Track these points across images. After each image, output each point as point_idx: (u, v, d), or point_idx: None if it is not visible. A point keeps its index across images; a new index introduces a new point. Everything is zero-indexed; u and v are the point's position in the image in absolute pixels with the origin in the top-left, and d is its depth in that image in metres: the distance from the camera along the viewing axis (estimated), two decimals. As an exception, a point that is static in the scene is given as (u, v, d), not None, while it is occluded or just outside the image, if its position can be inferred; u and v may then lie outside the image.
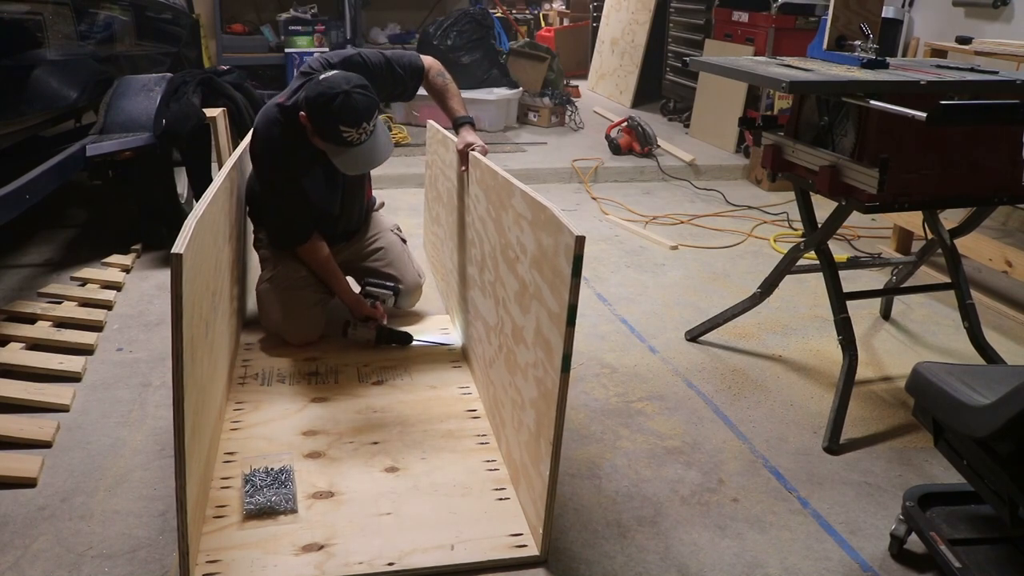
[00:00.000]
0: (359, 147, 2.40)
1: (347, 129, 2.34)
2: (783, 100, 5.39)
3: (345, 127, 2.34)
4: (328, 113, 2.33)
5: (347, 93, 2.33)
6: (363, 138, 2.38)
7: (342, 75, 2.40)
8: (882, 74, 2.43)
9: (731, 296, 3.39)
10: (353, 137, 2.36)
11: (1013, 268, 3.31)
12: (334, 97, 2.32)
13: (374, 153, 2.45)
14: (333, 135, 2.37)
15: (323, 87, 2.35)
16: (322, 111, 2.34)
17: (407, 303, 3.05)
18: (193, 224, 1.72)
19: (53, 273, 3.45)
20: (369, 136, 2.40)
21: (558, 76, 6.91)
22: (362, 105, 2.34)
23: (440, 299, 3.34)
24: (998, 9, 4.59)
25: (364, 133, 2.37)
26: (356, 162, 2.46)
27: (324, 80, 2.38)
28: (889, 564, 1.95)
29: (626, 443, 2.41)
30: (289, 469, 2.11)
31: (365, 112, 2.35)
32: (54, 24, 3.16)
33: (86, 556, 1.87)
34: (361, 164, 2.48)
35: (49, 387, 2.52)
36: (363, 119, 2.34)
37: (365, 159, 2.46)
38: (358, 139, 2.37)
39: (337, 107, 2.32)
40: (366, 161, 2.47)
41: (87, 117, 4.14)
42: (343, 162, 2.45)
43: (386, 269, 2.98)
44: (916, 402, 1.83)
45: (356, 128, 2.35)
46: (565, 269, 1.70)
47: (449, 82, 2.78)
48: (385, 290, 2.91)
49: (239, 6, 7.08)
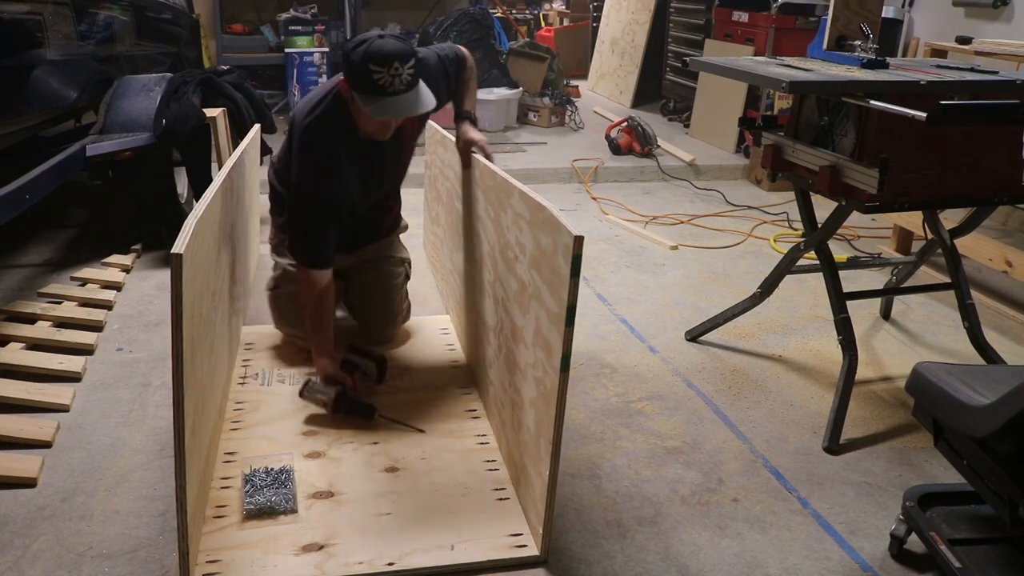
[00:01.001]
0: (394, 96, 2.28)
1: (378, 69, 2.24)
2: (783, 100, 5.39)
3: (376, 67, 2.24)
4: (358, 56, 2.27)
5: (378, 36, 2.32)
6: (396, 83, 2.26)
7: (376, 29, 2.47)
8: (882, 74, 2.43)
9: (731, 296, 3.39)
10: (385, 79, 2.25)
11: (1013, 268, 3.31)
12: (364, 40, 2.31)
13: (413, 103, 2.32)
14: (366, 80, 2.26)
15: (358, 38, 2.36)
16: (352, 55, 2.29)
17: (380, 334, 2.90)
18: (193, 224, 1.72)
19: (53, 273, 3.45)
20: (406, 86, 2.29)
21: (558, 76, 6.91)
22: (392, 46, 2.27)
23: (440, 299, 3.34)
24: (998, 9, 4.59)
25: (397, 78, 2.26)
26: (391, 108, 2.31)
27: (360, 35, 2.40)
28: (889, 564, 1.95)
29: (626, 443, 2.41)
30: (289, 469, 2.11)
31: (395, 53, 2.26)
32: (54, 24, 3.16)
33: (86, 556, 1.87)
34: (397, 110, 2.33)
35: (49, 387, 2.52)
36: (393, 59, 2.24)
37: (402, 106, 2.31)
38: (390, 83, 2.26)
39: (365, 48, 2.27)
40: (403, 107, 2.32)
41: (87, 117, 4.14)
42: (378, 109, 2.31)
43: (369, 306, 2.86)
44: (916, 402, 1.83)
45: (387, 69, 2.24)
46: (564, 269, 1.70)
47: (472, 78, 2.75)
48: (367, 360, 2.51)
49: (239, 6, 7.07)
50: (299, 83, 6.38)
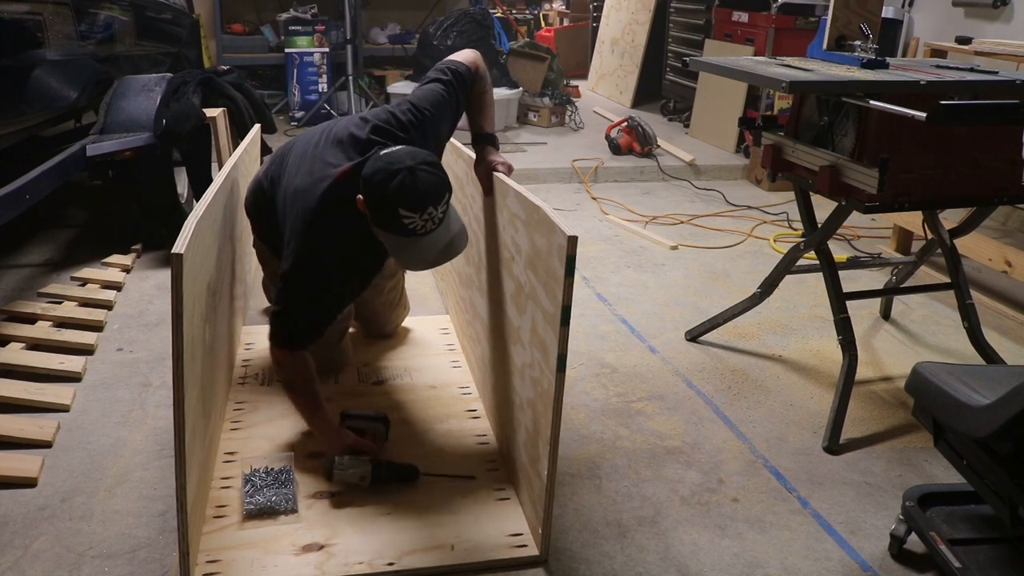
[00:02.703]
0: (425, 237, 1.93)
1: (409, 215, 1.88)
2: (783, 100, 5.39)
3: (407, 212, 1.88)
4: (387, 195, 1.89)
5: (411, 170, 1.89)
6: (429, 227, 1.91)
7: (407, 150, 1.97)
8: (882, 74, 2.43)
9: (731, 296, 3.39)
10: (417, 225, 1.89)
11: (1013, 268, 3.31)
12: (394, 174, 1.89)
13: (443, 243, 1.96)
14: (393, 222, 1.91)
15: (382, 163, 1.93)
16: (380, 192, 1.91)
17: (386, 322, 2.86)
18: (193, 224, 1.72)
19: (53, 273, 3.45)
20: (438, 225, 1.93)
21: (558, 76, 6.91)
22: (428, 185, 1.90)
23: (440, 299, 3.34)
24: (998, 9, 4.59)
25: (431, 221, 1.91)
26: (421, 257, 1.97)
27: (385, 156, 1.96)
28: (889, 564, 1.96)
29: (626, 443, 2.41)
30: (289, 469, 2.11)
31: (432, 195, 1.90)
32: (54, 24, 3.16)
33: (86, 556, 1.87)
34: (428, 259, 1.99)
35: (49, 387, 2.52)
36: (429, 203, 1.89)
37: (433, 252, 1.96)
38: (423, 227, 1.90)
39: (398, 188, 1.88)
40: (435, 255, 1.97)
41: (87, 117, 4.14)
42: (407, 258, 1.99)
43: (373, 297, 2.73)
44: (916, 402, 1.83)
45: (421, 213, 1.89)
46: (558, 269, 1.70)
47: (487, 90, 2.38)
48: (372, 422, 2.26)
49: (239, 6, 7.08)
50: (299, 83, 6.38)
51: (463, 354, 2.84)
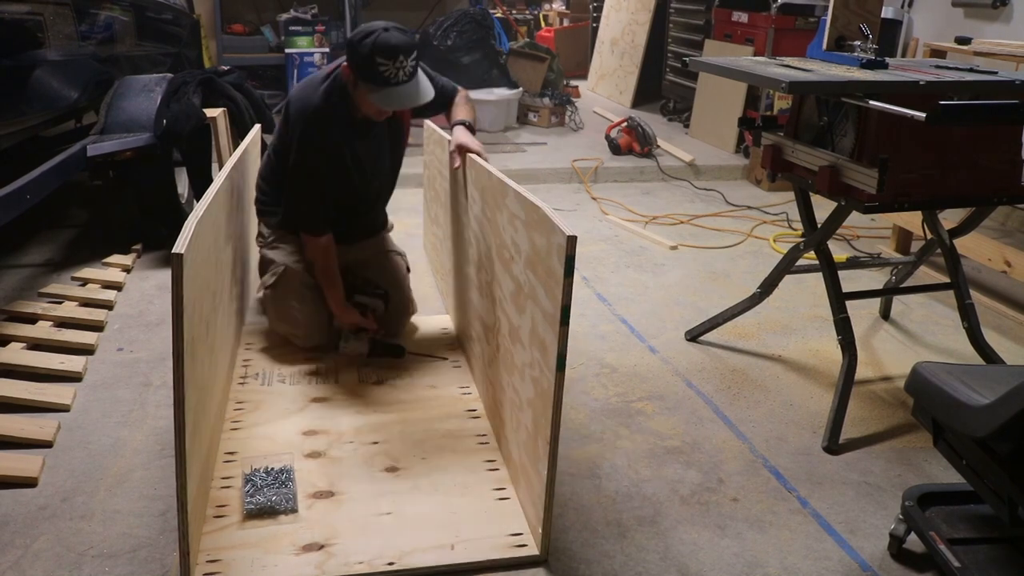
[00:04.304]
0: (396, 86, 2.41)
1: (384, 62, 2.36)
2: (783, 100, 5.39)
3: (382, 59, 2.35)
4: (364, 47, 2.37)
5: (384, 28, 2.39)
6: (401, 76, 2.39)
7: (381, 21, 2.47)
8: (881, 74, 2.43)
9: (731, 296, 3.39)
10: (391, 72, 2.37)
11: (1012, 268, 3.31)
12: (371, 32, 2.39)
13: (414, 92, 2.47)
14: (371, 71, 2.38)
15: (361, 27, 2.45)
16: (359, 47, 2.38)
17: (397, 328, 2.94)
18: (193, 224, 1.72)
19: (54, 273, 3.45)
20: (409, 77, 2.42)
21: (558, 76, 6.91)
22: (398, 39, 2.38)
23: (440, 299, 3.34)
24: (997, 9, 4.60)
25: (402, 70, 2.39)
26: (395, 99, 2.46)
27: (363, 24, 2.48)
28: (889, 564, 1.96)
29: (626, 443, 2.41)
30: (289, 469, 2.12)
31: (402, 46, 2.37)
32: (54, 24, 3.16)
33: (87, 556, 1.87)
34: (401, 101, 2.48)
35: (50, 387, 2.52)
36: (400, 52, 2.37)
37: (405, 97, 2.46)
38: (395, 76, 2.38)
39: (373, 40, 2.36)
40: (406, 98, 2.47)
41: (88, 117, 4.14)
42: (382, 98, 2.44)
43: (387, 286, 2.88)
44: (916, 402, 1.84)
45: (393, 61, 2.36)
46: (558, 269, 1.70)
47: (470, 102, 2.84)
48: (375, 298, 2.78)
49: (239, 6, 7.07)
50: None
51: (463, 354, 2.85)
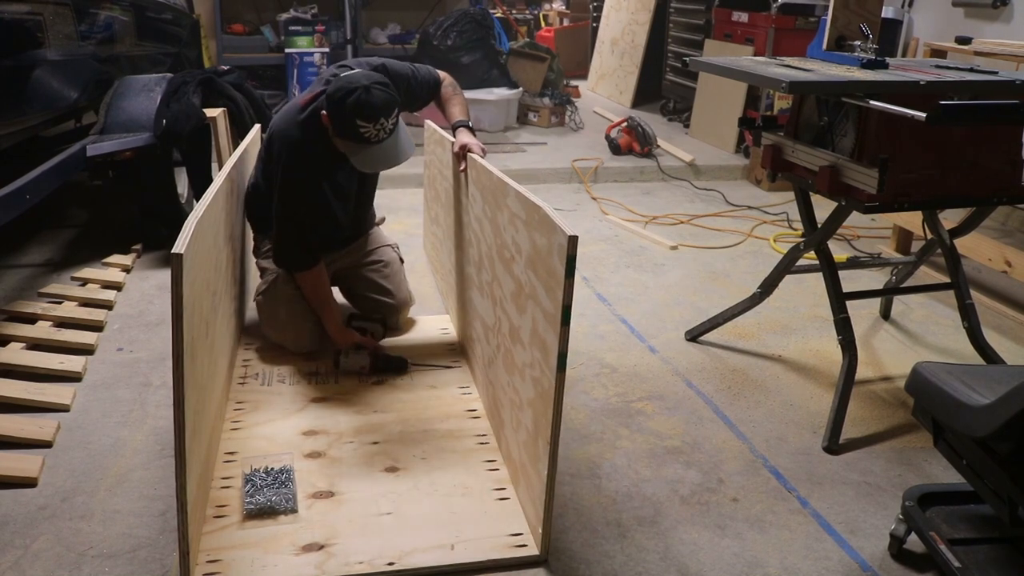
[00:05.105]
0: (377, 145, 2.38)
1: (364, 124, 2.32)
2: (783, 100, 5.39)
3: (363, 122, 2.32)
4: (345, 108, 2.32)
5: (366, 88, 2.32)
6: (381, 135, 2.36)
7: (363, 73, 2.42)
8: (882, 74, 2.43)
9: (731, 296, 3.39)
10: (371, 133, 2.34)
11: (1013, 268, 3.31)
12: (352, 91, 2.31)
13: (393, 152, 2.42)
14: (351, 131, 2.35)
15: (343, 82, 2.35)
16: (340, 106, 2.33)
17: (395, 322, 2.98)
18: (193, 224, 1.72)
19: (53, 273, 3.45)
20: (389, 135, 2.38)
21: (558, 76, 6.91)
22: (380, 100, 2.32)
23: (440, 299, 3.34)
24: (998, 9, 4.60)
25: (383, 130, 2.35)
26: (374, 160, 2.43)
27: (344, 77, 2.38)
28: (889, 564, 1.96)
29: (626, 443, 2.41)
30: (289, 469, 2.12)
31: (383, 108, 2.32)
32: (54, 24, 3.16)
33: (87, 556, 1.87)
34: (379, 162, 2.45)
35: (50, 387, 2.52)
36: (381, 115, 2.32)
37: (383, 157, 2.42)
38: (376, 136, 2.35)
39: (354, 102, 2.31)
40: (384, 159, 2.43)
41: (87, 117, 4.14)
42: (361, 160, 2.42)
43: (382, 282, 2.93)
44: (916, 402, 1.84)
45: (374, 124, 2.32)
46: (559, 269, 1.70)
47: (458, 92, 2.80)
48: (373, 323, 2.83)
49: (239, 6, 7.07)
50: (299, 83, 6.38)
51: (463, 354, 2.84)
